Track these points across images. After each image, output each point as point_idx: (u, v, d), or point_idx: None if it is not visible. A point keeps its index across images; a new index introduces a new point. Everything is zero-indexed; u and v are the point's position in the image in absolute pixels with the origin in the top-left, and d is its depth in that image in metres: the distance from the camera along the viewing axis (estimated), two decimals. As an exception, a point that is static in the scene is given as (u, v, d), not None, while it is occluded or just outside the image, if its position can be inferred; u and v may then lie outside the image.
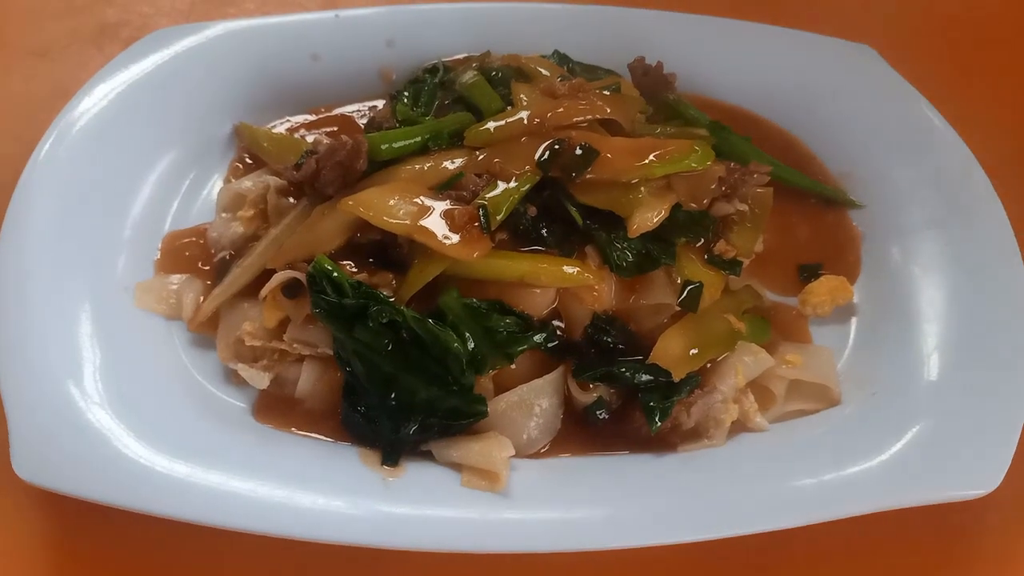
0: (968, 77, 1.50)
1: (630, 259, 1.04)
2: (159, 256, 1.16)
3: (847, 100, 1.32)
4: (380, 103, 1.35)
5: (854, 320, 1.16)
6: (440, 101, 1.22)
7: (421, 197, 1.02)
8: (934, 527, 1.00)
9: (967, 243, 1.15)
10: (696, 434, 1.02)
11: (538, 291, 1.02)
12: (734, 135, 1.27)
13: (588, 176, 1.03)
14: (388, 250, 1.05)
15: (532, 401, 1.01)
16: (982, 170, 1.20)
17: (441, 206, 1.01)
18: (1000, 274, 1.11)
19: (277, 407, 1.03)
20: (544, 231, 1.04)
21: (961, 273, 1.13)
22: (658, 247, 1.05)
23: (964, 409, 1.01)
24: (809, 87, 1.35)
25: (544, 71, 1.21)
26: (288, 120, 1.34)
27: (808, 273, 1.19)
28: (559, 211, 1.05)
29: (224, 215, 1.18)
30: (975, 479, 0.95)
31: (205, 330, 1.09)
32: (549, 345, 1.02)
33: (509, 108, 1.13)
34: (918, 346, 1.08)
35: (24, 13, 1.54)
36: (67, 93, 1.22)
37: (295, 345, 1.04)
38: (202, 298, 1.11)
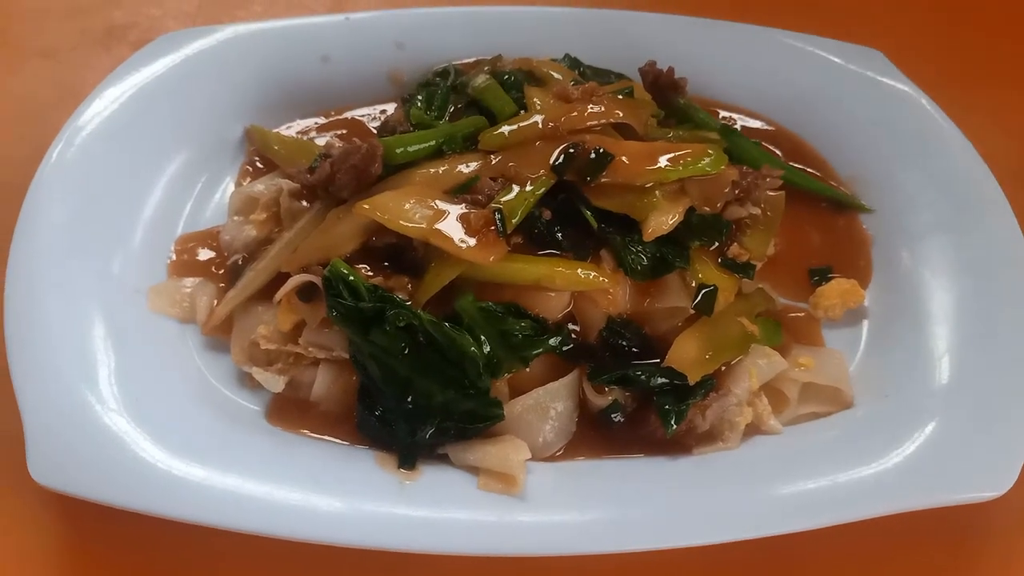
0: (977, 81, 1.51)
1: (645, 262, 1.04)
2: (172, 259, 1.16)
3: (856, 104, 1.33)
4: (389, 106, 1.35)
5: (865, 323, 1.17)
6: (452, 105, 1.22)
7: (436, 201, 1.02)
8: (946, 529, 1.01)
9: (977, 246, 1.16)
10: (711, 437, 1.02)
11: (553, 294, 1.03)
12: (745, 139, 1.27)
13: (603, 180, 1.04)
14: (403, 254, 1.04)
15: (548, 404, 1.01)
16: (991, 174, 1.21)
17: (457, 210, 1.01)
18: (1010, 277, 1.12)
19: (292, 410, 1.03)
20: (559, 235, 1.04)
21: (971, 276, 1.14)
22: (672, 250, 1.05)
23: (976, 411, 1.01)
24: (819, 91, 1.35)
25: (556, 75, 1.22)
26: (298, 123, 1.34)
27: (819, 276, 1.19)
28: (574, 215, 1.05)
29: (236, 218, 1.17)
30: (987, 481, 0.95)
31: (219, 333, 1.09)
32: (564, 348, 1.02)
33: (523, 112, 1.13)
34: (929, 349, 1.09)
35: (31, 14, 1.54)
36: (75, 95, 1.22)
37: (310, 348, 1.03)
38: (216, 301, 1.10)
